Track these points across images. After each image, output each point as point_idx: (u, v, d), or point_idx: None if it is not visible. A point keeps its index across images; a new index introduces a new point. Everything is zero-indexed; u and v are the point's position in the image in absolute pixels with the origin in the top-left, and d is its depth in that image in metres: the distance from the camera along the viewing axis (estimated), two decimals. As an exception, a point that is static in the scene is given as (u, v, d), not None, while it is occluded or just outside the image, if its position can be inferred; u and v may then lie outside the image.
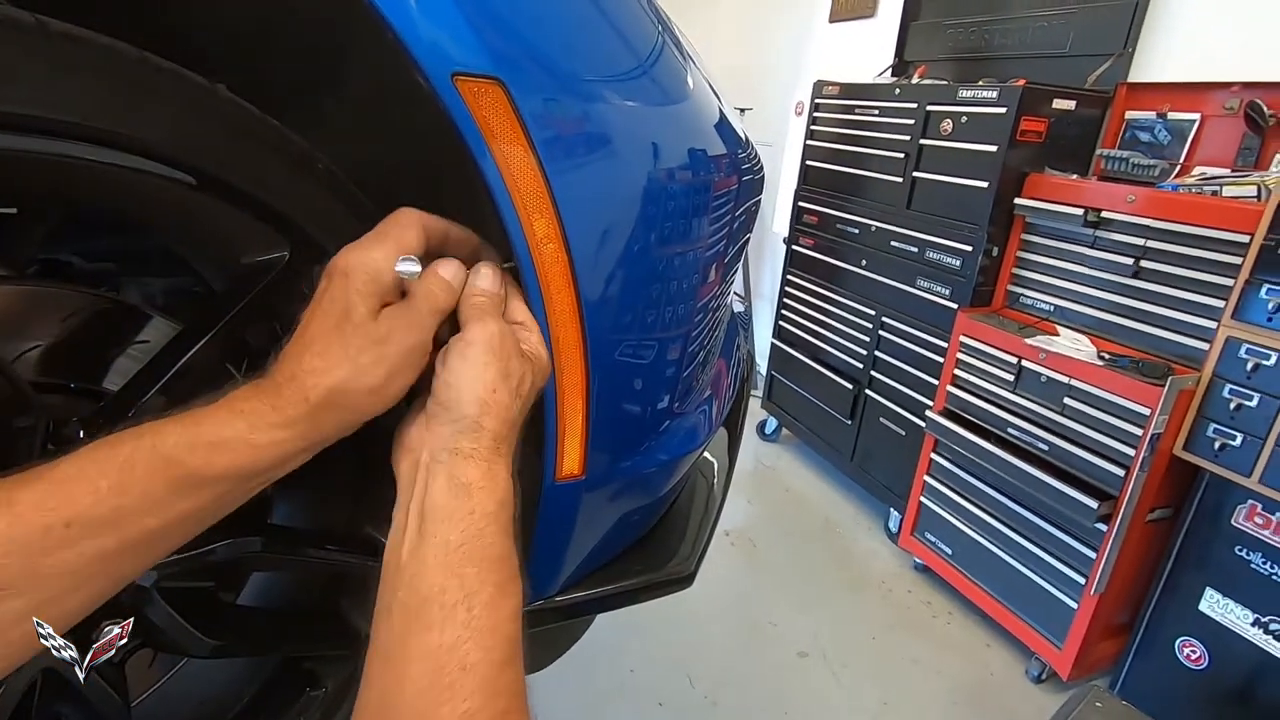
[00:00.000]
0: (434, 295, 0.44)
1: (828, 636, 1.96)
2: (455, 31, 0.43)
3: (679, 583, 0.79)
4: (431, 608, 0.38)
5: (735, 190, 0.69)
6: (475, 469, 0.42)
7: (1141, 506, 1.60)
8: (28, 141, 0.40)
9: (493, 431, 0.43)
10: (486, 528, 0.41)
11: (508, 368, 0.44)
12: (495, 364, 0.44)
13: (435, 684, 0.37)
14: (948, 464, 2.08)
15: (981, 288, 2.01)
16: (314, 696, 0.69)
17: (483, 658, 0.38)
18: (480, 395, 0.43)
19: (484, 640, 0.38)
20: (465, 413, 0.42)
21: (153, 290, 0.66)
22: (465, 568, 0.39)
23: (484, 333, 0.44)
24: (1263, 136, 1.70)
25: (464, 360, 0.43)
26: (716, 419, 0.84)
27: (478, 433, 0.43)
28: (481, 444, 0.42)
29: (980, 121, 1.93)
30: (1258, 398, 1.40)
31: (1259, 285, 1.39)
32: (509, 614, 0.40)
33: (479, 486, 0.41)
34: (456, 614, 0.38)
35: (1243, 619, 1.50)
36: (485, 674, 0.37)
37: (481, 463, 0.42)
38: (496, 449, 0.43)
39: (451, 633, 0.38)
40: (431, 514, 0.41)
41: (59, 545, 0.35)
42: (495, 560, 0.41)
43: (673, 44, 0.63)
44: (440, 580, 0.39)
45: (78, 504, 0.35)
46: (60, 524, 0.35)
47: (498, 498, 0.42)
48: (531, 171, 0.48)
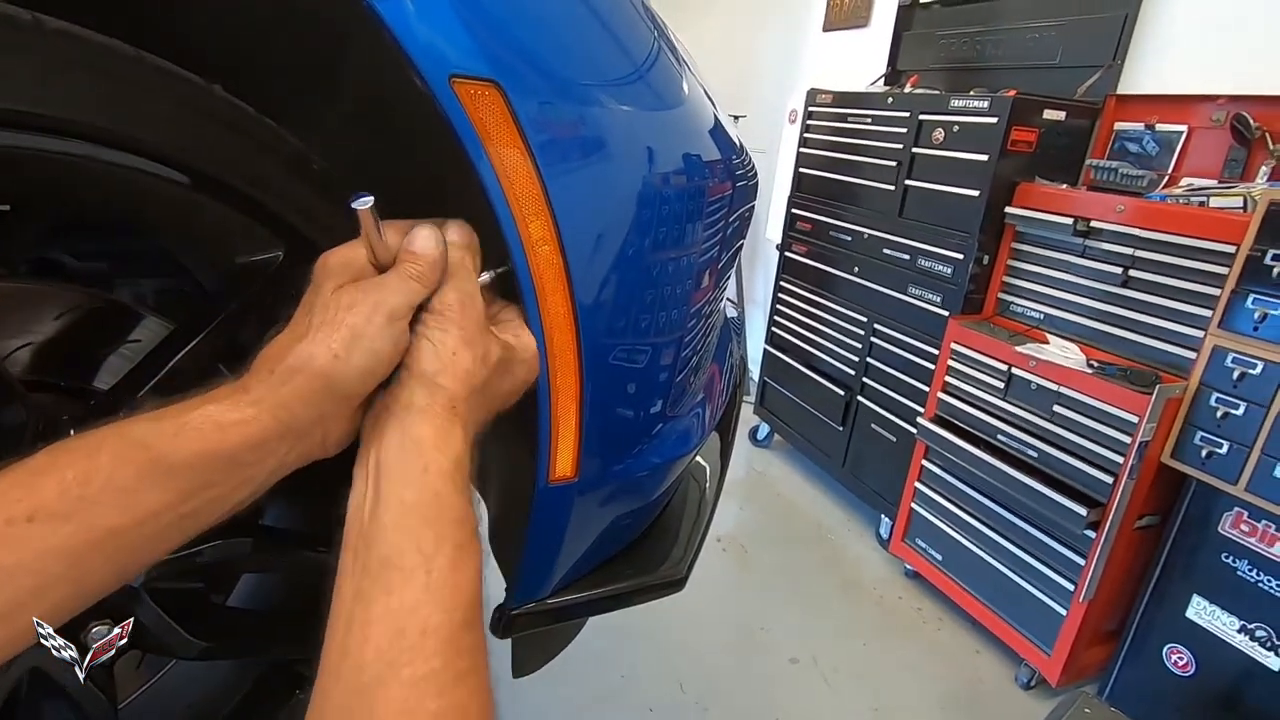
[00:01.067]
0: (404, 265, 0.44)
1: (819, 642, 1.96)
2: (452, 34, 0.43)
3: (671, 586, 0.79)
4: (391, 570, 0.38)
5: (729, 196, 0.69)
6: (427, 425, 0.41)
7: (1130, 514, 1.62)
8: (22, 139, 0.40)
9: (449, 391, 0.42)
10: (442, 487, 0.40)
11: (469, 335, 0.44)
12: (454, 330, 0.44)
13: (396, 645, 0.36)
14: (939, 470, 2.09)
15: (972, 295, 2.02)
16: (303, 699, 0.68)
17: (444, 620, 0.37)
18: (438, 353, 0.43)
19: (444, 602, 0.38)
20: (422, 369, 0.42)
21: (145, 290, 0.66)
22: (422, 529, 0.39)
23: (441, 301, 0.44)
24: (1249, 149, 1.73)
25: (423, 324, 0.43)
26: (709, 423, 0.84)
27: (433, 390, 0.42)
28: (436, 400, 0.42)
29: (972, 131, 1.95)
30: (1244, 406, 1.42)
31: (1245, 295, 1.41)
32: (469, 575, 0.40)
33: (431, 444, 0.41)
34: (416, 576, 0.38)
35: (1229, 626, 1.51)
36: (446, 636, 0.37)
37: (435, 419, 0.42)
38: (453, 408, 0.43)
39: (411, 595, 0.37)
40: (386, 471, 0.40)
41: (20, 540, 0.33)
42: (453, 521, 0.40)
43: (668, 50, 0.63)
44: (398, 541, 0.38)
45: (42, 496, 0.34)
46: (22, 517, 0.33)
47: (452, 456, 0.41)
48: (527, 174, 0.48)
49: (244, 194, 0.50)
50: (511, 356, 0.47)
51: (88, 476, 0.35)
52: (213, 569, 0.64)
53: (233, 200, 0.50)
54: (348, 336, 0.40)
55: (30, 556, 0.33)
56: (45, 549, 0.34)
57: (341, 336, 0.40)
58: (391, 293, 0.42)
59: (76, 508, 0.34)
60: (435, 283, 0.45)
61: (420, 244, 0.45)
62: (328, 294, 0.42)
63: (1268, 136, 1.68)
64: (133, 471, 0.36)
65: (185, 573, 0.59)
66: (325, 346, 0.40)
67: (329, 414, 0.42)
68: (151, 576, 0.54)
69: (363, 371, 0.41)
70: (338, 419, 0.43)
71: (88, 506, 0.35)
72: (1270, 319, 1.37)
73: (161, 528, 0.38)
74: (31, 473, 0.34)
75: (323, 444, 0.44)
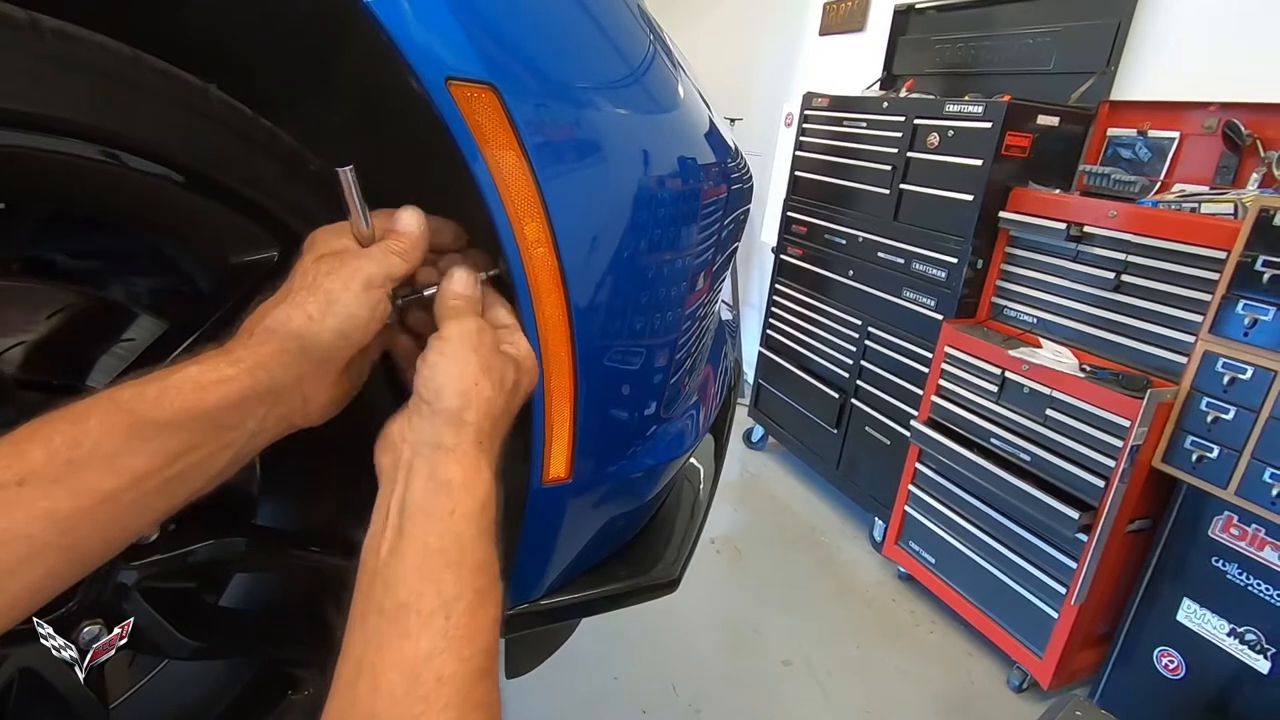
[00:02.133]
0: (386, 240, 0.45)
1: (812, 645, 1.97)
2: (449, 36, 0.44)
3: (664, 588, 0.79)
4: (409, 614, 0.37)
5: (724, 199, 0.70)
6: (457, 466, 0.41)
7: (1121, 517, 1.63)
8: (17, 137, 0.40)
9: (475, 425, 0.42)
10: (466, 530, 0.40)
11: (488, 362, 0.44)
12: (475, 358, 0.43)
13: (410, 694, 0.35)
14: (932, 474, 2.10)
15: (966, 299, 2.03)
16: (294, 700, 0.68)
17: (459, 669, 0.37)
18: (462, 388, 0.42)
19: (461, 650, 0.37)
20: (447, 405, 0.42)
21: (139, 289, 0.66)
22: (444, 573, 0.38)
23: (460, 329, 0.44)
24: (1240, 155, 1.74)
25: (442, 355, 0.43)
26: (703, 425, 0.84)
27: (460, 427, 0.42)
28: (464, 439, 0.42)
29: (966, 136, 1.96)
30: (1234, 411, 1.43)
31: (1235, 301, 1.42)
32: (488, 623, 0.39)
33: (460, 485, 0.41)
34: (434, 622, 0.37)
35: (1219, 629, 1.52)
36: (461, 686, 0.36)
37: (464, 459, 0.41)
38: (480, 444, 0.42)
39: (428, 642, 0.37)
40: (411, 513, 0.40)
41: (11, 505, 0.33)
42: (475, 566, 0.39)
43: (664, 53, 0.63)
44: (418, 585, 0.38)
45: (30, 461, 0.34)
46: (13, 481, 0.33)
47: (479, 498, 0.41)
48: (523, 176, 0.48)
49: (239, 193, 0.50)
50: (518, 372, 0.47)
51: (76, 441, 0.35)
52: (205, 569, 0.64)
53: (228, 200, 0.50)
54: (323, 300, 0.42)
55: (22, 521, 0.34)
56: (36, 513, 0.34)
57: (317, 300, 0.42)
58: (370, 261, 0.43)
59: (65, 471, 0.35)
60: (416, 261, 0.46)
61: (403, 222, 0.46)
62: (309, 262, 0.44)
63: (1259, 144, 1.70)
64: (119, 434, 0.36)
65: (177, 572, 0.58)
66: (301, 309, 0.41)
67: (307, 376, 0.43)
68: (144, 575, 0.54)
69: (336, 334, 0.42)
70: (318, 384, 0.44)
71: (76, 470, 0.35)
72: (1260, 324, 1.38)
73: (148, 491, 0.38)
74: (19, 441, 0.35)
75: (304, 409, 0.44)
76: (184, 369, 0.39)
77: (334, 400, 0.46)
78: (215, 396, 0.39)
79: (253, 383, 0.40)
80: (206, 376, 0.39)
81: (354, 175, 0.44)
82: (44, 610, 0.49)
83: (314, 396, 0.44)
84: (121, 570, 0.53)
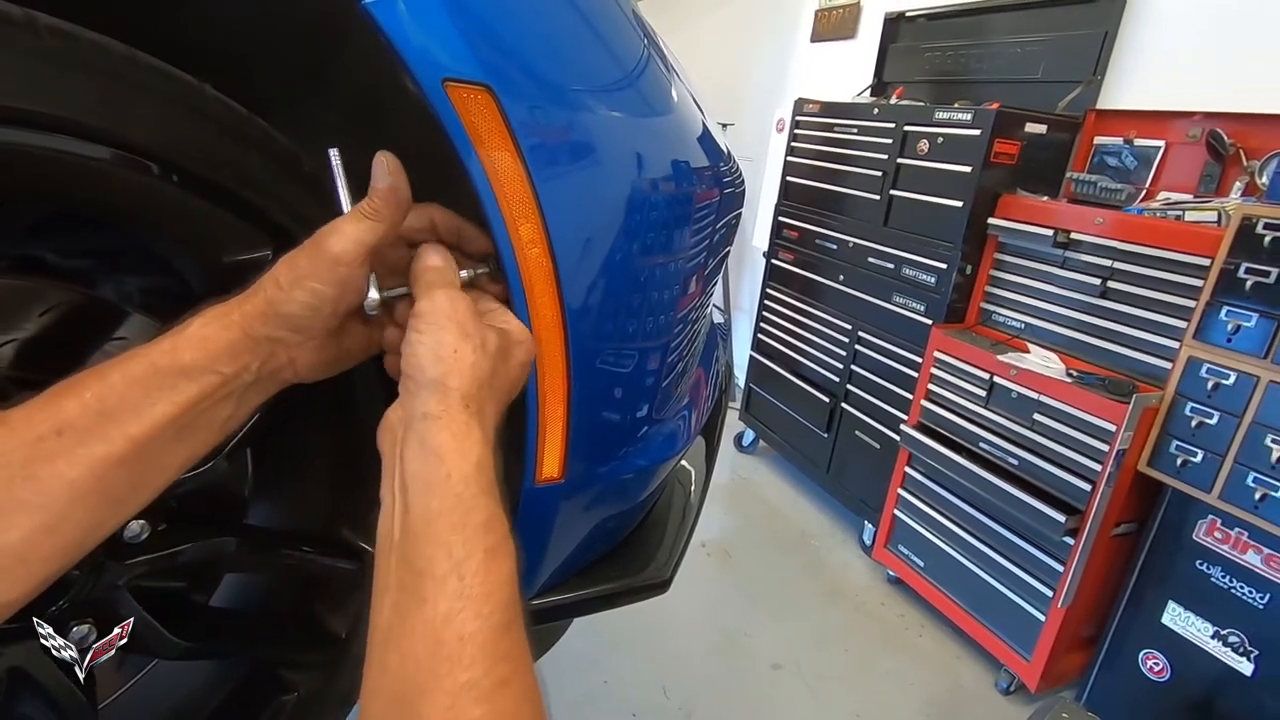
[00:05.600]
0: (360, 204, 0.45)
1: (802, 648, 1.97)
2: (446, 38, 0.44)
3: (655, 588, 0.79)
4: (424, 581, 0.38)
5: (717, 203, 0.70)
6: (445, 431, 0.41)
7: (1107, 521, 1.64)
8: (9, 133, 0.40)
9: (460, 390, 0.42)
10: (465, 491, 0.40)
11: (466, 329, 0.44)
12: (451, 325, 0.44)
13: (435, 655, 0.36)
14: (921, 477, 2.11)
15: (955, 304, 2.05)
16: (285, 701, 0.68)
17: (480, 626, 0.37)
18: (440, 354, 0.43)
19: (479, 607, 0.38)
20: (428, 374, 0.42)
21: (131, 287, 0.66)
22: (451, 535, 0.39)
23: (432, 302, 0.45)
24: (1223, 164, 1.77)
25: (418, 331, 0.44)
26: (695, 427, 0.85)
27: (444, 393, 0.42)
28: (450, 404, 0.42)
29: (955, 142, 1.98)
30: (1218, 416, 1.45)
31: (1219, 307, 1.44)
32: (503, 577, 0.40)
33: (451, 449, 0.41)
34: (448, 584, 0.38)
35: (1203, 632, 1.54)
36: (483, 642, 0.37)
37: (452, 423, 0.42)
38: (467, 408, 0.42)
39: (445, 604, 0.37)
40: (411, 484, 0.41)
41: (54, 454, 0.37)
42: (481, 524, 0.40)
43: (658, 58, 0.64)
44: (429, 551, 0.39)
45: (65, 413, 0.38)
46: (52, 433, 0.37)
47: (473, 459, 0.41)
48: (518, 177, 0.48)
49: (233, 193, 0.50)
50: (507, 341, 0.47)
51: (104, 394, 0.39)
52: (195, 568, 0.64)
53: (222, 199, 0.50)
54: (288, 272, 0.43)
55: (64, 467, 0.38)
56: (75, 460, 0.38)
57: (284, 271, 0.44)
58: (338, 237, 0.44)
59: (97, 421, 0.39)
60: (392, 219, 0.45)
61: (374, 175, 0.46)
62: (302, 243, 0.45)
63: (1241, 153, 1.73)
64: (142, 384, 0.40)
65: (167, 572, 0.58)
66: (273, 278, 0.44)
67: (286, 339, 0.45)
68: (134, 575, 0.54)
69: (304, 306, 0.44)
70: (300, 347, 0.46)
71: (108, 419, 0.39)
72: (1243, 331, 1.40)
73: (170, 438, 0.42)
74: (52, 397, 0.39)
75: (292, 366, 0.46)
76: (189, 324, 0.43)
77: (322, 363, 0.48)
78: (216, 346, 0.42)
79: (242, 335, 0.43)
80: (208, 329, 0.43)
81: (340, 157, 0.45)
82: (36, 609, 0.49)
83: (299, 358, 0.46)
84: (112, 569, 0.53)
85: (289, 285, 0.43)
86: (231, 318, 0.43)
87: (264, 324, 0.43)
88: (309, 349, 0.46)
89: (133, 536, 0.54)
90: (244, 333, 0.43)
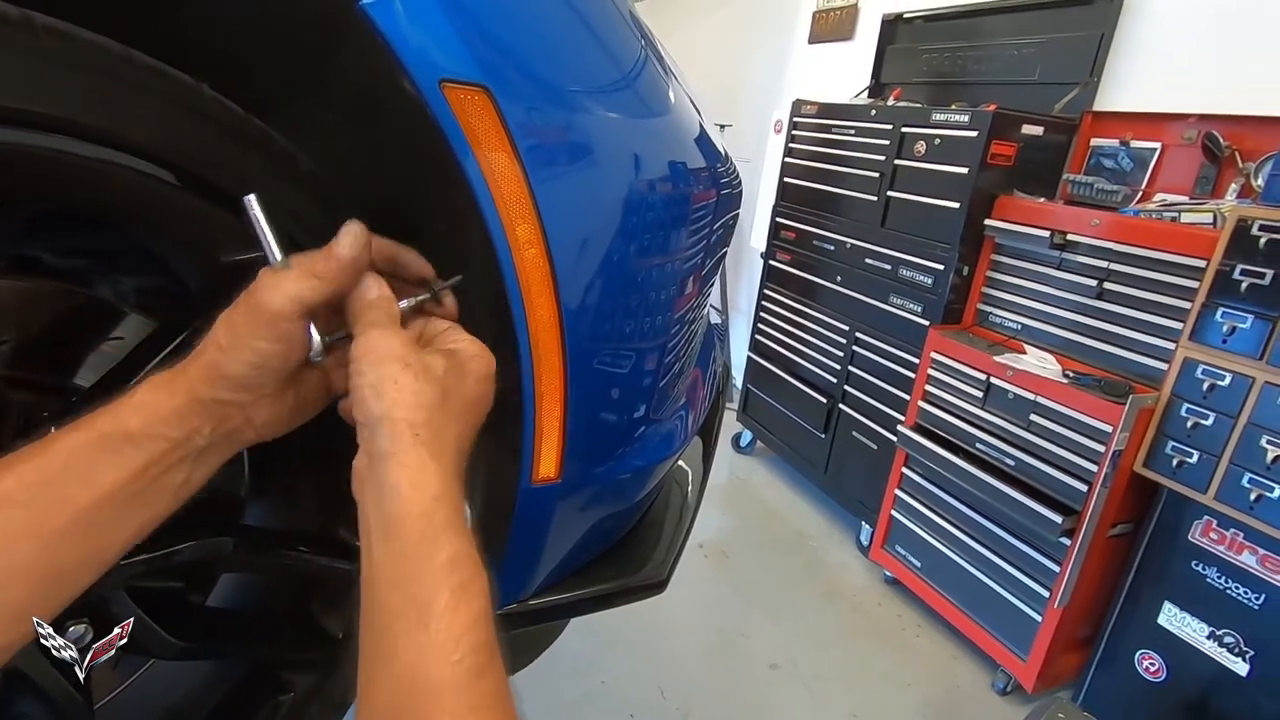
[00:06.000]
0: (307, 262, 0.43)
1: (799, 648, 1.97)
2: (443, 39, 0.44)
3: (652, 588, 0.79)
4: (393, 630, 0.37)
5: (713, 204, 0.71)
6: (397, 469, 0.40)
7: (1104, 521, 1.65)
8: (7, 133, 0.40)
9: (407, 421, 0.40)
10: (426, 528, 0.39)
11: (404, 359, 0.42)
12: (386, 359, 0.42)
13: (410, 709, 0.35)
14: (918, 478, 2.12)
15: (952, 305, 2.05)
16: (282, 701, 0.68)
17: (449, 674, 0.36)
18: (379, 390, 0.41)
19: (448, 654, 0.36)
20: (374, 412, 0.41)
21: (127, 287, 0.66)
22: (417, 578, 0.38)
23: (366, 340, 0.43)
24: (1219, 166, 1.77)
25: (358, 374, 0.42)
26: (691, 428, 0.85)
27: (391, 427, 0.40)
28: (399, 438, 0.40)
29: (952, 144, 1.99)
30: (1213, 417, 1.45)
31: (1214, 309, 1.45)
32: (473, 618, 0.38)
33: (406, 486, 0.39)
34: (414, 633, 0.36)
35: (1199, 632, 1.55)
36: (456, 691, 0.36)
37: (404, 458, 0.40)
38: (417, 438, 0.40)
39: (413, 653, 0.36)
40: (374, 530, 0.40)
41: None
42: (445, 563, 0.38)
43: (655, 59, 0.64)
44: (396, 599, 0.37)
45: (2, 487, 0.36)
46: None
47: (430, 493, 0.39)
48: (515, 177, 0.48)
49: (230, 193, 0.50)
50: (457, 360, 0.45)
51: (44, 465, 0.38)
52: (192, 568, 0.64)
53: (219, 199, 0.50)
54: (226, 333, 0.42)
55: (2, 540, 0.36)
56: (15, 533, 0.36)
57: (223, 332, 0.42)
58: (275, 292, 0.41)
59: (38, 493, 0.37)
60: (340, 283, 0.43)
61: (338, 240, 0.44)
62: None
63: (1237, 155, 1.73)
64: (87, 452, 0.39)
65: (164, 572, 0.58)
66: (214, 339, 0.42)
67: (238, 400, 0.42)
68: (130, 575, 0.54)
69: (249, 365, 0.42)
70: (254, 405, 0.44)
71: (50, 488, 0.37)
72: (1238, 332, 1.41)
73: (119, 506, 0.40)
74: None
75: (250, 425, 0.44)
76: (135, 391, 0.41)
77: (280, 417, 0.46)
78: (165, 410, 0.40)
79: (189, 400, 0.41)
80: (154, 394, 0.41)
81: (259, 203, 0.42)
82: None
83: (255, 416, 0.44)
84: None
85: (230, 346, 0.41)
86: (177, 383, 0.41)
87: (210, 387, 0.41)
88: (264, 406, 0.44)
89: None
90: (190, 397, 0.41)
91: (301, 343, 0.43)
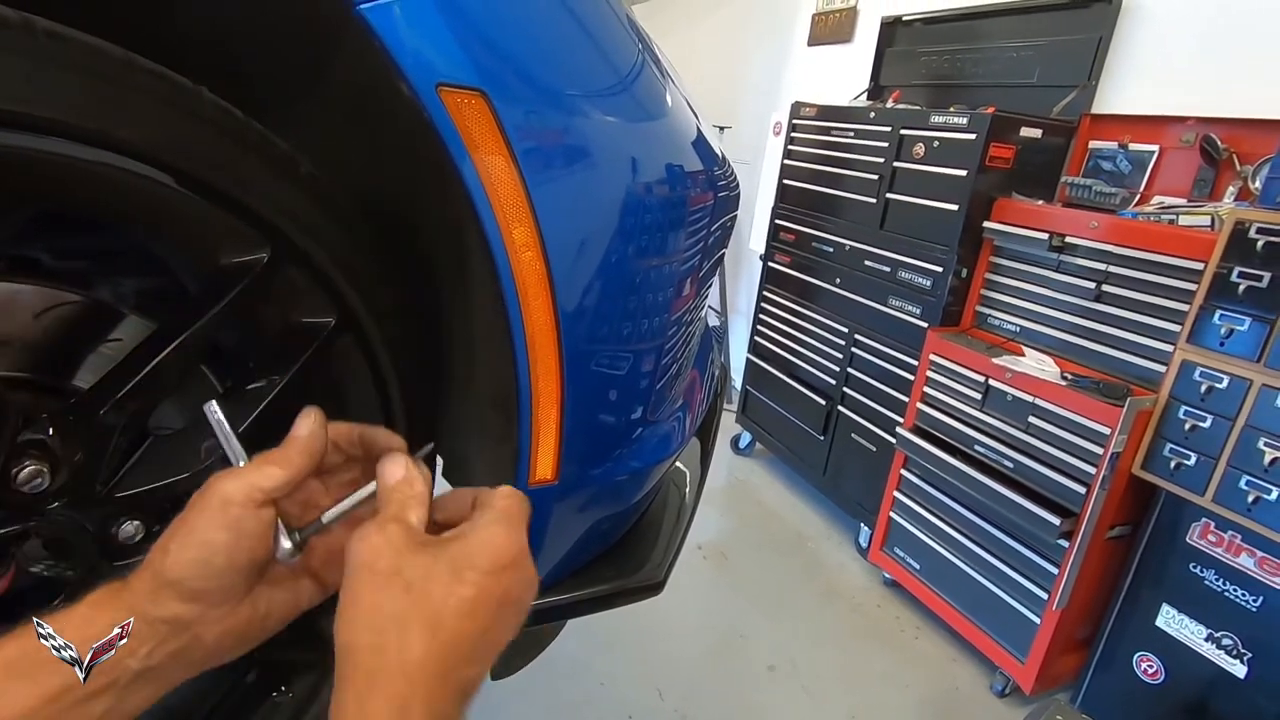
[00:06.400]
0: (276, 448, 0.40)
1: (797, 650, 1.97)
2: (441, 43, 0.44)
3: (649, 590, 0.80)
4: None
5: (711, 206, 0.71)
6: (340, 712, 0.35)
7: (1102, 524, 1.65)
8: (6, 136, 0.40)
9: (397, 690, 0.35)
10: None
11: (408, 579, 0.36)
12: (388, 585, 0.37)
13: None
14: (917, 480, 2.12)
15: (951, 308, 2.06)
16: (279, 702, 0.68)
17: None
18: (341, 605, 0.37)
19: None
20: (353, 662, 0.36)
21: (127, 289, 0.66)
22: None
23: (362, 548, 0.37)
24: (1216, 169, 1.78)
25: (342, 603, 0.37)
26: (689, 429, 0.85)
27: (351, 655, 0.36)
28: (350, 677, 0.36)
29: (951, 146, 1.99)
30: (1211, 419, 1.45)
31: (1212, 311, 1.45)
32: None
33: None
34: None
35: (1197, 634, 1.55)
36: None
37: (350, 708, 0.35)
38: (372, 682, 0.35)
39: None
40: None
41: None
42: None
43: (652, 62, 0.64)
44: None
45: None
46: None
47: None
48: (512, 181, 0.49)
49: (230, 195, 0.50)
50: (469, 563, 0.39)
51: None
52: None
53: (218, 202, 0.50)
54: (176, 529, 0.38)
55: None
56: None
57: (170, 533, 0.38)
58: (230, 477, 0.38)
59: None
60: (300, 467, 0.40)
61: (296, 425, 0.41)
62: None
63: (1234, 158, 1.74)
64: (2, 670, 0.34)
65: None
66: (160, 544, 0.38)
67: (184, 615, 0.38)
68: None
69: (194, 564, 0.37)
70: (203, 621, 0.38)
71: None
72: (1236, 335, 1.41)
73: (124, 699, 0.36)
74: None
75: (200, 644, 0.39)
76: (85, 599, 0.37)
77: (233, 635, 0.40)
78: (96, 627, 0.36)
79: (128, 615, 0.37)
80: (94, 608, 0.37)
81: (220, 407, 0.41)
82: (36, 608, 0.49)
83: (204, 633, 0.39)
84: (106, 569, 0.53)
85: (177, 548, 0.37)
86: (120, 598, 0.37)
87: (153, 600, 0.37)
88: (213, 621, 0.39)
89: (127, 537, 0.54)
90: (131, 612, 0.36)
91: (254, 536, 0.39)
